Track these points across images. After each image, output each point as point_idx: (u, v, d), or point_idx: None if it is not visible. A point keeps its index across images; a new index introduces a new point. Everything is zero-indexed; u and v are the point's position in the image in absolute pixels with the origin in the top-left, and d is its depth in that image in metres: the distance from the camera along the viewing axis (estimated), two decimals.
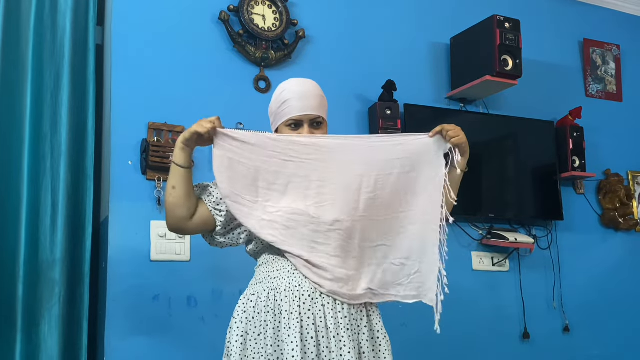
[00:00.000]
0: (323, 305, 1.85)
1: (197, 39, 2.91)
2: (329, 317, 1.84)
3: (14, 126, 2.65)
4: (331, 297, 1.85)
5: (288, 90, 1.93)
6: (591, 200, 3.66)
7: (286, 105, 1.92)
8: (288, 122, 1.92)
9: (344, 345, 1.82)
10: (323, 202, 1.87)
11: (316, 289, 1.85)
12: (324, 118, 1.96)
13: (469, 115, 3.39)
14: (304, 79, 1.98)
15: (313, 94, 1.93)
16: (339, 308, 1.86)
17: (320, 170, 1.89)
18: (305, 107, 1.91)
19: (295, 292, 1.85)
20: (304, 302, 1.84)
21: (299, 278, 1.87)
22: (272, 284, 1.88)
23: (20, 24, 2.71)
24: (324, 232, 1.86)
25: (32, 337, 2.54)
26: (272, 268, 1.91)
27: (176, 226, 1.93)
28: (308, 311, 1.83)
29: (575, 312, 3.45)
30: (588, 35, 3.85)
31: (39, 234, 2.61)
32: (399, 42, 3.32)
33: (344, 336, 1.83)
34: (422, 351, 3.06)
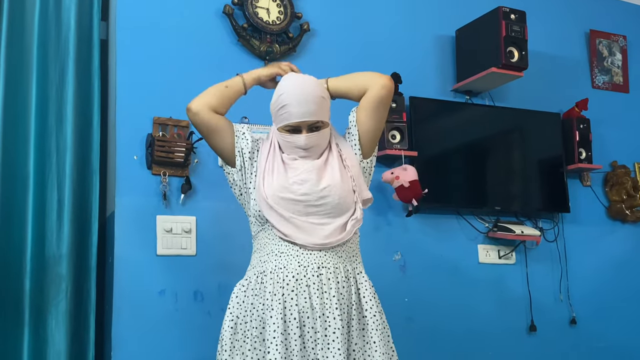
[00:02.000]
0: (308, 286, 1.86)
1: (201, 33, 2.91)
2: (314, 297, 1.85)
3: (20, 122, 2.65)
4: (317, 277, 1.87)
5: (287, 94, 1.92)
6: (598, 192, 3.65)
7: (284, 111, 1.93)
8: (286, 128, 1.95)
9: (329, 326, 1.83)
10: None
11: (300, 270, 1.87)
12: (323, 121, 1.96)
13: (474, 108, 3.38)
14: (304, 80, 1.96)
15: (312, 98, 1.92)
16: (326, 288, 1.87)
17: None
18: (304, 114, 1.92)
19: (280, 273, 1.88)
20: (287, 282, 1.87)
21: (285, 260, 1.89)
22: (262, 267, 1.93)
23: (24, 20, 2.71)
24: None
25: (40, 332, 2.56)
26: (263, 252, 1.96)
27: (197, 106, 2.00)
28: (291, 292, 1.86)
29: (582, 304, 3.45)
30: (594, 27, 3.83)
31: (45, 230, 2.62)
32: (403, 35, 3.31)
33: (329, 316, 1.84)
34: (428, 344, 3.06)
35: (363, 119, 2.03)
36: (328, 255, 1.92)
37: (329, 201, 1.93)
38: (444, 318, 3.11)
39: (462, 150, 3.30)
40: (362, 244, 3.00)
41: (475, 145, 3.33)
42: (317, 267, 1.89)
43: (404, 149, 3.04)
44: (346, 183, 1.97)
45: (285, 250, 1.92)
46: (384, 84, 2.00)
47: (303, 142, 1.95)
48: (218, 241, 2.74)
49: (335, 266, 1.92)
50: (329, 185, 1.94)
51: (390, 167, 3.07)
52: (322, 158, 2.00)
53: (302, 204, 1.92)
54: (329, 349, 1.81)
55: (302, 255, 1.91)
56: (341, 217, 1.95)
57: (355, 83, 2.03)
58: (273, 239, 1.94)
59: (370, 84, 2.00)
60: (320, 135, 1.97)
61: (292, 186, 1.93)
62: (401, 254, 3.10)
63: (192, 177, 2.75)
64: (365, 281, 1.98)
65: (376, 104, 2.01)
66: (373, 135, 2.05)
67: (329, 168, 1.98)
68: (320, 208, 1.93)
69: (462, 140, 3.29)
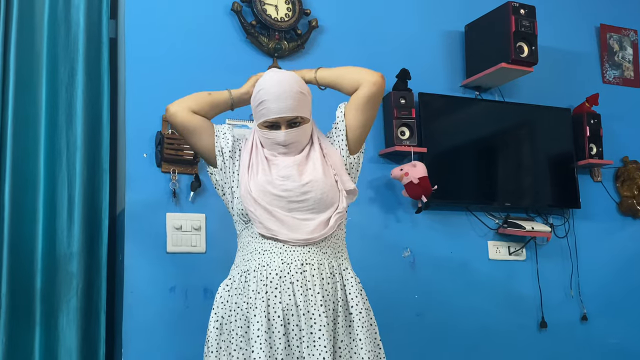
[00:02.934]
0: (292, 283, 1.85)
1: (209, 30, 2.91)
2: (298, 294, 1.84)
3: (30, 121, 2.67)
4: (300, 274, 1.86)
5: (265, 91, 1.92)
6: (609, 187, 3.62)
7: (263, 107, 1.92)
8: (265, 124, 1.94)
9: (314, 323, 1.82)
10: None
11: (284, 268, 1.86)
12: (302, 117, 1.94)
13: (484, 104, 3.36)
14: (282, 76, 1.95)
15: (290, 93, 1.91)
16: (310, 285, 1.86)
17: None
18: (281, 110, 1.91)
19: (263, 271, 1.87)
20: (270, 280, 1.86)
21: (268, 258, 1.88)
22: (245, 266, 1.93)
23: (34, 19, 2.73)
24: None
25: (51, 329, 2.57)
26: (246, 251, 1.95)
27: (175, 107, 2.00)
28: (275, 289, 1.85)
29: (593, 300, 3.43)
30: (605, 21, 3.80)
31: (56, 228, 2.64)
32: (412, 31, 3.30)
33: (314, 313, 1.83)
34: (438, 341, 3.06)
35: (352, 115, 2.01)
36: (312, 252, 1.90)
37: (311, 196, 1.91)
38: (454, 315, 3.11)
39: (472, 146, 3.29)
40: (372, 241, 3.03)
41: (485, 141, 3.32)
42: (301, 264, 1.88)
43: (413, 145, 3.04)
44: (329, 178, 1.95)
45: (268, 248, 1.90)
46: (375, 81, 1.98)
47: (282, 138, 1.93)
48: (227, 238, 2.73)
49: (320, 262, 1.90)
50: (311, 180, 1.92)
51: (399, 164, 3.06)
52: (304, 153, 1.98)
53: (284, 200, 1.91)
54: (314, 347, 1.80)
55: (286, 253, 1.89)
56: (324, 213, 1.93)
57: (347, 77, 2.02)
58: (256, 237, 1.93)
59: (362, 80, 1.98)
60: (299, 131, 1.95)
61: (275, 181, 1.92)
62: (411, 251, 3.09)
63: (201, 175, 2.75)
64: (351, 277, 1.96)
65: (366, 100, 1.99)
66: (361, 132, 2.03)
67: (311, 163, 1.97)
68: (303, 204, 1.91)
69: (471, 136, 3.28)
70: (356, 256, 2.95)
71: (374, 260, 2.99)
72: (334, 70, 2.06)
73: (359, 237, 2.99)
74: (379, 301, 2.97)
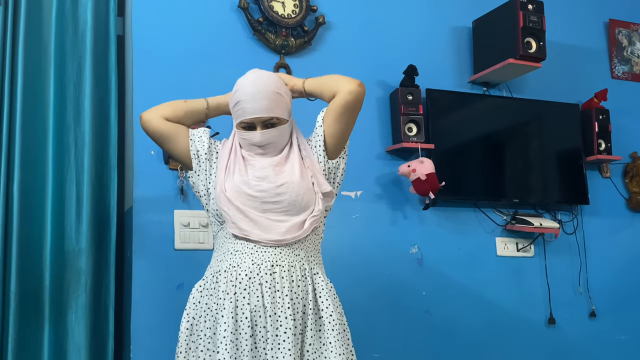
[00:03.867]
0: (260, 284, 1.84)
1: (216, 27, 2.91)
2: (266, 296, 1.82)
3: (38, 118, 2.68)
4: (270, 276, 1.84)
5: (241, 91, 1.90)
6: (617, 183, 3.60)
7: (239, 107, 1.90)
8: (241, 124, 1.93)
9: (280, 325, 1.81)
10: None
11: (254, 269, 1.84)
12: (279, 117, 1.92)
13: (492, 100, 3.35)
14: (259, 75, 1.92)
15: (265, 93, 1.88)
16: (279, 287, 1.84)
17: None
18: (256, 110, 1.88)
19: (233, 272, 1.86)
20: (240, 281, 1.84)
21: (239, 259, 1.87)
22: (218, 267, 1.92)
23: (42, 17, 2.74)
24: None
25: (60, 326, 2.59)
26: (220, 252, 1.94)
27: (148, 115, 2.00)
28: (244, 290, 1.83)
29: (602, 297, 3.42)
30: (613, 16, 3.78)
31: (65, 225, 2.65)
32: (420, 26, 3.29)
33: (280, 315, 1.81)
34: (446, 338, 3.05)
35: (329, 121, 1.98)
36: (283, 254, 1.88)
37: (285, 198, 1.89)
38: (462, 311, 3.10)
39: (480, 143, 3.28)
40: (379, 238, 3.03)
41: (492, 137, 3.31)
42: (271, 265, 1.85)
43: (420, 141, 3.03)
44: (305, 181, 1.93)
45: (240, 249, 1.89)
46: (350, 90, 1.93)
47: (258, 139, 1.91)
48: None
49: (291, 264, 1.88)
50: (286, 182, 1.90)
51: (406, 160, 3.06)
52: (282, 154, 1.96)
53: (258, 200, 1.89)
54: (279, 349, 1.78)
55: (257, 253, 1.87)
56: (299, 215, 1.91)
57: (327, 86, 1.98)
58: (229, 238, 1.91)
59: (339, 88, 1.95)
60: (275, 132, 1.92)
61: (251, 181, 1.90)
62: (418, 247, 3.09)
63: None
64: (321, 281, 1.92)
65: (342, 109, 1.95)
66: (338, 139, 1.99)
67: (289, 165, 1.94)
68: (277, 205, 1.89)
69: (479, 132, 3.27)
70: (363, 253, 2.97)
71: (382, 256, 2.99)
72: (318, 79, 2.03)
73: (366, 234, 3.00)
74: (387, 298, 2.99)
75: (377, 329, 2.94)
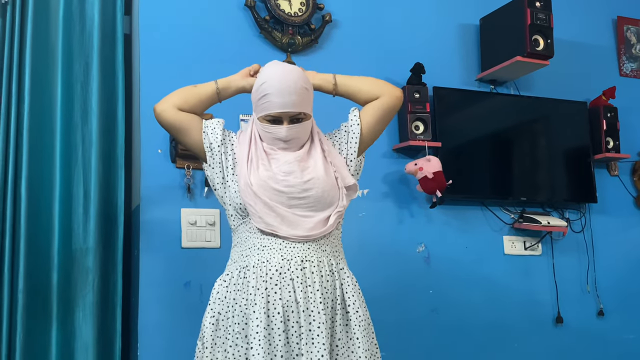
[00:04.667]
0: (292, 280, 1.83)
1: (223, 26, 2.91)
2: (298, 291, 1.82)
3: (45, 117, 2.69)
4: (300, 271, 1.84)
5: (268, 84, 1.88)
6: (625, 182, 3.59)
7: (265, 100, 1.88)
8: (267, 118, 1.91)
9: (314, 320, 1.81)
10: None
11: (284, 264, 1.84)
12: (305, 113, 1.92)
13: (499, 97, 3.34)
14: (287, 69, 1.91)
15: (294, 88, 1.87)
16: (310, 282, 1.84)
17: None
18: (285, 105, 1.87)
19: (263, 267, 1.85)
20: (270, 277, 1.84)
21: (268, 254, 1.87)
22: (244, 262, 1.90)
23: (49, 16, 2.74)
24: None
25: (67, 324, 2.60)
26: (244, 246, 1.92)
27: (162, 106, 1.97)
28: (275, 286, 1.83)
29: (610, 295, 3.40)
30: (622, 13, 3.76)
31: (72, 223, 2.66)
32: (427, 24, 3.28)
33: (313, 310, 1.81)
34: (453, 336, 3.05)
35: (370, 120, 2.01)
36: (312, 249, 1.89)
37: (311, 194, 1.89)
38: (469, 310, 3.10)
39: (487, 141, 3.27)
40: (386, 236, 3.02)
41: (500, 135, 3.30)
42: (301, 260, 1.86)
43: (427, 139, 3.02)
44: (330, 176, 1.93)
45: (268, 244, 1.88)
46: (397, 95, 2.03)
47: (284, 134, 1.90)
48: None
49: (319, 260, 1.88)
50: (312, 178, 1.90)
51: (413, 158, 3.05)
52: (304, 149, 1.95)
53: (285, 196, 1.88)
54: (313, 344, 1.78)
55: (285, 249, 1.87)
56: (324, 211, 1.91)
57: (366, 86, 2.02)
58: (254, 233, 1.90)
59: (384, 92, 2.02)
60: (301, 127, 1.92)
61: (277, 176, 1.89)
62: (425, 246, 3.08)
63: None
64: (347, 277, 1.94)
65: (386, 112, 2.02)
66: (371, 138, 2.04)
67: (312, 160, 1.94)
68: (303, 201, 1.89)
69: (486, 130, 3.26)
70: (370, 251, 2.96)
71: (388, 255, 2.98)
72: (356, 79, 2.05)
73: (373, 232, 2.99)
74: (394, 296, 2.98)
75: (384, 327, 2.92)
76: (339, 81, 2.03)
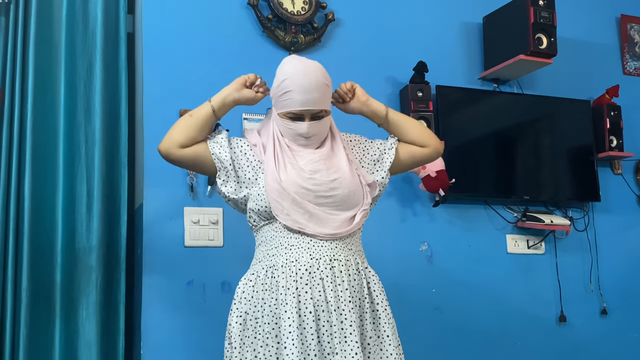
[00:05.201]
0: (322, 279, 1.84)
1: (226, 24, 2.91)
2: (328, 290, 1.83)
3: (49, 116, 2.69)
4: (330, 270, 1.85)
5: (290, 80, 1.87)
6: (629, 180, 3.58)
7: (287, 97, 1.88)
8: (288, 115, 1.91)
9: (345, 319, 1.81)
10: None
11: (313, 263, 1.84)
12: (326, 110, 1.92)
13: (502, 96, 3.33)
14: (308, 66, 1.90)
15: (316, 85, 1.87)
16: (339, 281, 1.85)
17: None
18: (307, 102, 1.87)
19: (292, 267, 1.85)
20: (300, 276, 1.84)
21: (296, 253, 1.86)
22: (271, 261, 1.89)
23: (52, 15, 2.75)
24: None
25: (71, 323, 2.60)
26: (270, 246, 1.91)
27: (165, 148, 1.95)
28: (305, 285, 1.83)
29: (613, 294, 3.40)
30: (625, 11, 3.75)
31: (75, 222, 2.66)
32: (429, 23, 3.28)
33: (344, 309, 1.82)
34: (456, 335, 3.05)
35: (405, 157, 2.07)
36: (339, 248, 1.89)
37: (338, 193, 1.89)
38: (472, 309, 3.09)
39: (490, 139, 3.26)
40: (389, 235, 3.02)
41: (503, 134, 3.29)
42: (329, 259, 1.86)
43: None
44: (354, 176, 1.94)
45: (295, 243, 1.88)
46: (440, 151, 2.11)
47: (305, 130, 1.90)
48: (244, 232, 2.72)
49: (347, 259, 1.89)
50: (339, 177, 1.91)
51: None
52: (327, 147, 1.95)
53: (312, 194, 1.88)
54: (346, 342, 1.78)
55: (314, 248, 1.87)
56: (350, 211, 1.92)
57: (418, 132, 2.07)
58: (280, 232, 1.89)
59: (432, 144, 2.07)
60: (321, 124, 1.92)
61: (304, 174, 1.89)
62: (428, 245, 3.08)
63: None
64: (372, 275, 1.96)
65: (422, 160, 2.10)
66: (398, 170, 2.10)
67: (336, 159, 1.95)
68: (329, 200, 1.89)
69: (490, 129, 3.26)
70: (373, 250, 2.94)
71: (392, 254, 2.98)
72: (403, 118, 2.09)
73: (376, 231, 2.98)
74: (397, 295, 2.96)
75: None
76: (390, 118, 2.05)
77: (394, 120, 2.05)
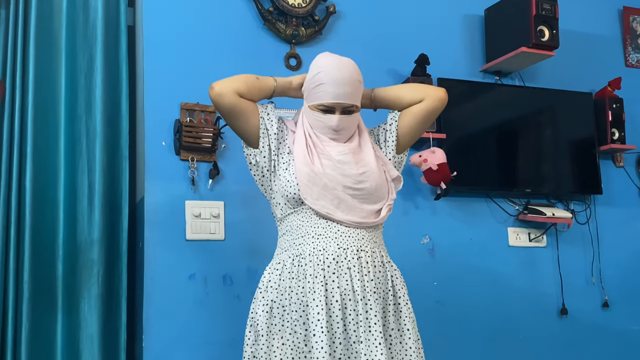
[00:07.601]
0: (349, 269, 1.86)
1: (227, 17, 2.90)
2: (355, 279, 1.85)
3: (49, 108, 2.69)
4: (357, 260, 1.87)
5: (325, 73, 1.91)
6: (631, 173, 3.58)
7: (320, 89, 1.91)
8: (320, 107, 1.93)
9: (370, 309, 1.84)
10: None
11: (340, 253, 1.86)
12: (357, 106, 1.96)
13: (504, 89, 3.33)
14: (342, 61, 1.95)
15: (349, 80, 1.91)
16: (365, 271, 1.87)
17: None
18: (339, 96, 1.91)
19: (320, 256, 1.87)
20: (328, 265, 1.86)
21: (323, 242, 1.88)
22: (297, 250, 1.91)
23: (52, 7, 2.74)
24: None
25: (73, 316, 2.60)
26: (297, 235, 1.93)
27: (221, 87, 1.95)
28: (333, 274, 1.85)
29: (615, 287, 3.40)
30: (627, 3, 3.73)
31: (77, 215, 2.66)
32: (431, 15, 3.26)
33: (370, 299, 1.84)
34: (458, 328, 3.05)
35: (410, 122, 2.05)
36: (365, 239, 1.92)
37: (366, 186, 1.93)
38: (473, 302, 3.09)
39: (492, 132, 3.26)
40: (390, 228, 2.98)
41: (505, 126, 3.29)
42: (357, 249, 1.89)
43: (432, 131, 3.01)
44: (381, 172, 1.98)
45: (323, 232, 1.90)
46: (440, 97, 2.05)
47: (335, 123, 1.94)
48: (246, 226, 2.75)
49: (372, 250, 1.93)
50: (367, 170, 1.95)
51: (418, 150, 3.04)
52: (355, 142, 1.99)
53: (340, 185, 1.91)
54: (370, 332, 1.82)
55: (341, 238, 1.89)
56: (376, 204, 1.96)
57: (408, 93, 2.05)
58: (308, 220, 1.92)
59: (427, 95, 2.04)
60: (351, 118, 1.96)
61: (334, 164, 1.93)
62: (430, 238, 3.08)
63: (219, 162, 2.76)
64: (395, 270, 2.00)
65: (429, 114, 2.05)
66: (413, 138, 2.09)
67: (364, 154, 1.98)
68: (357, 192, 1.93)
69: (491, 121, 3.25)
70: None
71: (393, 247, 2.94)
72: (390, 88, 2.09)
73: None
74: None
75: None
76: (378, 97, 2.07)
77: (382, 97, 2.07)
